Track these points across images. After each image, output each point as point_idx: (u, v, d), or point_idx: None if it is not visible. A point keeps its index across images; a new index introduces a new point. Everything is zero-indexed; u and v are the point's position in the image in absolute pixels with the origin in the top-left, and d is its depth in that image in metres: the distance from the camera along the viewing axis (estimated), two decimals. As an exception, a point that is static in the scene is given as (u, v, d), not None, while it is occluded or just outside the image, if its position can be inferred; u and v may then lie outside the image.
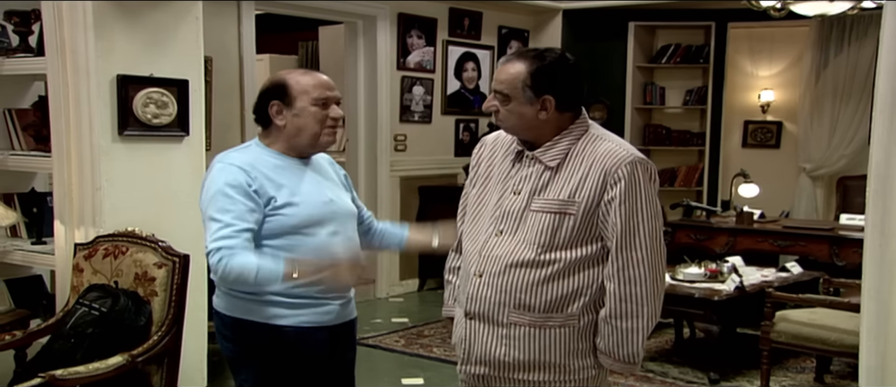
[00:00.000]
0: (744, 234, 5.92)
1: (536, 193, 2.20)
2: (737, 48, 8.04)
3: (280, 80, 2.46)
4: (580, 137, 2.21)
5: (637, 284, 2.14)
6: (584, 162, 2.17)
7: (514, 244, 2.21)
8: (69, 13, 3.38)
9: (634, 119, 8.00)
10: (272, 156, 2.44)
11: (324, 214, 2.43)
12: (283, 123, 2.43)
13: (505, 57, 2.25)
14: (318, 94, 2.42)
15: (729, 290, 4.66)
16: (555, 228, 2.17)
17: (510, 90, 2.17)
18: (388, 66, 6.73)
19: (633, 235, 2.12)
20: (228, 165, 2.37)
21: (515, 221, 2.22)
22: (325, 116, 2.44)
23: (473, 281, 2.26)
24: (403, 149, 6.88)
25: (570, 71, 2.19)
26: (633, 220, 2.12)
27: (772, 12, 5.31)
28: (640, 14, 7.74)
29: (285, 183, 2.40)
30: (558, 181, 2.19)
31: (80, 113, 3.39)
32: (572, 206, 2.16)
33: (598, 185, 2.14)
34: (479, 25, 7.37)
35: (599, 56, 7.90)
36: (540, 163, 2.22)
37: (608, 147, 2.17)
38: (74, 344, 2.77)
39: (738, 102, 8.17)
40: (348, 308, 2.57)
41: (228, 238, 2.25)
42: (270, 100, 2.43)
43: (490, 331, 2.25)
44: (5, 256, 3.74)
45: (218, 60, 5.58)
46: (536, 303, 2.20)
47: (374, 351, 5.22)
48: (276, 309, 2.38)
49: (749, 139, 8.22)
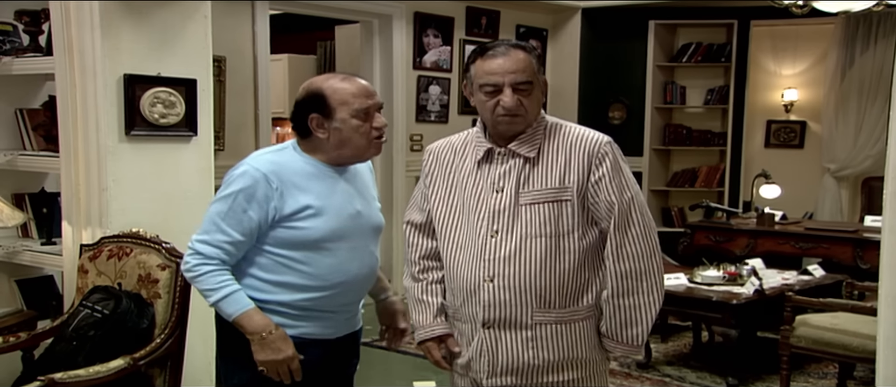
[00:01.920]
0: (765, 236, 5.81)
1: (521, 187, 2.17)
2: (759, 46, 7.91)
3: (316, 90, 2.30)
4: (547, 126, 2.21)
5: (637, 259, 2.15)
6: (560, 149, 2.17)
7: (519, 240, 2.15)
8: (76, 12, 3.35)
9: (654, 119, 7.89)
10: (307, 163, 2.34)
11: (347, 227, 2.33)
12: (325, 137, 2.31)
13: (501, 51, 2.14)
14: (360, 104, 2.29)
15: (748, 293, 4.55)
16: (556, 216, 2.14)
17: (532, 76, 2.15)
18: (404, 66, 6.69)
19: (627, 212, 2.14)
20: (253, 170, 2.27)
21: (509, 219, 2.16)
22: (370, 128, 2.32)
23: (484, 287, 2.18)
24: (419, 149, 6.82)
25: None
26: (624, 195, 2.14)
27: (794, 9, 5.20)
28: (660, 12, 7.63)
29: (314, 191, 2.30)
30: (540, 171, 2.17)
31: (87, 113, 3.37)
32: (566, 192, 2.15)
33: (584, 167, 2.15)
34: (496, 24, 7.30)
35: (619, 55, 7.81)
36: (517, 156, 2.18)
37: (578, 131, 2.20)
38: (76, 347, 2.74)
39: (761, 102, 8.04)
40: (353, 320, 2.49)
41: (214, 247, 2.25)
42: (309, 112, 2.30)
43: (514, 336, 2.19)
44: (15, 256, 3.73)
45: (232, 60, 5.56)
46: (557, 297, 2.16)
47: (387, 354, 5.16)
48: (281, 319, 2.31)
49: (772, 139, 8.08)
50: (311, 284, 2.31)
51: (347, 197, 2.36)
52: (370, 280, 2.49)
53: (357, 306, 2.50)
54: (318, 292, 2.32)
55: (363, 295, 2.52)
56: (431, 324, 2.31)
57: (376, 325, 2.65)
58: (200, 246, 2.27)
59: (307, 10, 6.38)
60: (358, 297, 2.48)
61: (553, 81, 7.76)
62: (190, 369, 3.27)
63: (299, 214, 2.27)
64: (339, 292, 2.36)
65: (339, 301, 2.39)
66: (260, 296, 2.31)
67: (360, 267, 2.38)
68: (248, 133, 5.65)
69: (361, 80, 2.36)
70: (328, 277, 2.32)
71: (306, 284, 2.31)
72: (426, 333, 2.31)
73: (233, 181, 2.28)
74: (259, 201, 2.24)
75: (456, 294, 2.27)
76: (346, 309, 2.43)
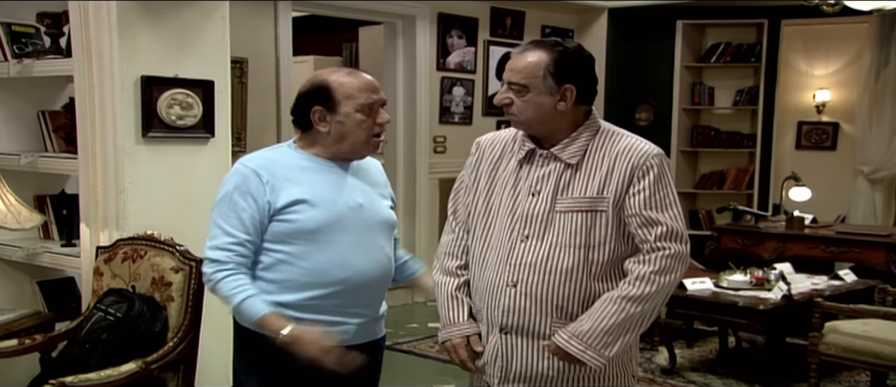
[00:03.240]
0: (794, 239, 5.68)
1: (560, 193, 2.11)
2: (791, 46, 7.76)
3: (322, 83, 2.28)
4: (596, 132, 2.14)
5: (663, 272, 2.05)
6: (606, 157, 2.10)
7: (548, 248, 2.09)
8: (95, 14, 3.35)
9: (682, 120, 7.77)
10: (303, 159, 2.31)
11: (347, 219, 2.28)
12: (326, 130, 2.28)
13: (518, 48, 2.16)
14: (365, 99, 2.26)
15: (775, 298, 4.45)
16: (588, 227, 2.08)
17: (529, 80, 2.09)
18: (428, 67, 6.65)
19: (668, 227, 2.05)
20: (242, 167, 2.27)
21: (542, 225, 2.11)
22: (372, 123, 2.28)
23: (506, 292, 2.13)
24: (443, 151, 6.78)
25: (589, 62, 2.15)
26: (664, 214, 2.06)
27: (825, 8, 5.08)
28: (688, 12, 7.51)
29: (306, 183, 2.27)
30: (581, 179, 2.10)
31: (104, 114, 3.36)
32: (602, 202, 2.08)
33: (625, 179, 2.07)
34: (521, 25, 7.24)
35: (646, 56, 7.70)
36: (558, 160, 2.12)
37: (630, 141, 2.11)
38: (89, 350, 2.73)
39: (792, 103, 7.89)
40: (372, 327, 2.41)
41: (223, 251, 2.22)
42: (312, 105, 2.28)
43: (531, 344, 2.14)
44: (35, 257, 3.74)
45: (254, 61, 5.57)
46: (579, 310, 2.10)
47: (409, 357, 5.12)
48: None
49: (803, 141, 7.93)
50: (311, 281, 2.25)
51: (347, 189, 2.32)
52: (383, 281, 2.40)
53: (373, 311, 2.40)
54: (320, 289, 2.25)
55: (378, 299, 2.42)
56: (465, 323, 2.23)
57: (398, 328, 2.61)
58: (211, 252, 2.25)
59: (330, 12, 6.36)
60: (371, 299, 2.38)
61: (579, 82, 7.66)
62: (207, 372, 3.25)
63: (292, 206, 2.24)
64: (344, 289, 2.28)
65: (348, 303, 2.30)
66: (264, 297, 2.26)
67: (366, 263, 2.30)
68: (270, 134, 5.64)
69: (367, 76, 2.33)
70: (329, 273, 2.25)
71: (307, 281, 2.24)
72: (457, 331, 2.23)
73: (225, 182, 2.29)
74: (253, 195, 2.23)
75: (479, 294, 2.22)
76: (357, 314, 2.34)
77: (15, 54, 3.85)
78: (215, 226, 2.25)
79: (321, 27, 7.88)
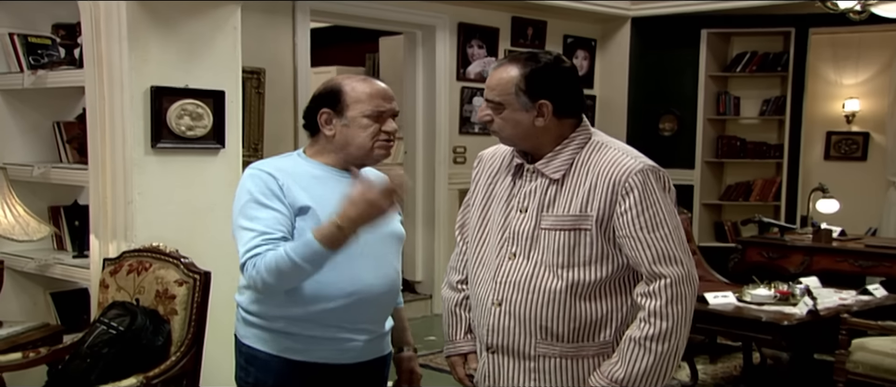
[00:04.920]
0: (821, 253, 5.52)
1: (544, 209, 2.03)
2: (819, 55, 7.60)
3: (334, 86, 2.25)
4: (583, 145, 2.05)
5: (673, 302, 1.94)
6: (589, 172, 2.00)
7: (532, 267, 2.03)
8: (105, 24, 3.34)
9: (706, 130, 7.63)
10: (312, 166, 2.26)
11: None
12: (331, 133, 2.23)
13: (497, 62, 2.09)
14: (374, 106, 2.21)
15: (801, 314, 4.30)
16: (572, 246, 1.99)
17: (503, 97, 2.01)
18: (448, 77, 6.59)
19: (661, 251, 1.94)
20: (257, 171, 2.22)
21: (528, 242, 2.04)
22: (378, 130, 2.23)
23: (492, 311, 2.07)
24: (462, 161, 6.72)
25: (566, 74, 2.05)
26: (656, 233, 1.94)
27: (851, 15, 4.94)
28: (713, 21, 7.38)
29: (315, 191, 2.20)
30: (565, 194, 2.01)
31: (114, 125, 3.35)
32: (586, 220, 1.98)
33: (608, 196, 1.97)
34: (543, 34, 7.16)
35: (670, 65, 7.58)
36: (543, 176, 2.05)
37: (613, 155, 2.00)
38: (90, 364, 2.70)
39: (820, 112, 7.73)
40: (377, 344, 2.34)
41: (259, 246, 2.09)
42: (321, 107, 2.24)
43: (516, 365, 2.07)
44: (47, 268, 3.73)
45: (271, 72, 5.55)
46: (564, 330, 2.01)
47: (425, 371, 5.03)
48: (289, 342, 2.21)
49: (832, 151, 7.76)
50: (319, 294, 2.17)
51: None
52: (391, 296, 2.34)
53: (379, 327, 2.33)
54: (328, 302, 2.18)
55: (385, 315, 2.36)
56: (461, 340, 2.24)
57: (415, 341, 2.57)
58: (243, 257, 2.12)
59: (348, 22, 6.34)
60: (378, 315, 2.31)
61: (601, 93, 7.58)
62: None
63: (300, 214, 2.17)
64: (352, 303, 2.21)
65: (355, 317, 2.23)
66: (271, 311, 2.22)
67: (375, 278, 2.24)
68: (287, 144, 5.62)
69: (382, 84, 2.28)
70: (337, 285, 2.18)
71: (314, 294, 2.17)
72: (454, 349, 2.26)
73: (243, 187, 2.21)
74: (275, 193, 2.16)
75: (473, 312, 2.18)
76: (364, 330, 2.27)
77: (30, 65, 3.86)
78: (243, 230, 2.14)
79: (344, 38, 7.87)
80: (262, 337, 2.24)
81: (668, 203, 2.00)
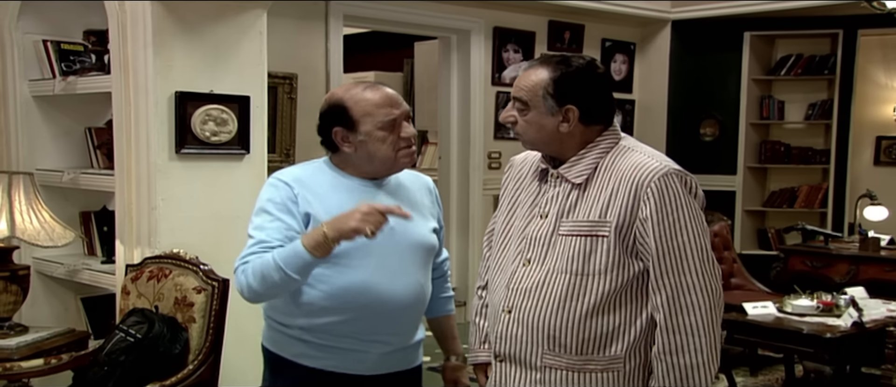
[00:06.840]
0: (868, 262, 5.33)
1: (564, 215, 1.96)
2: (868, 58, 7.36)
3: (337, 102, 2.18)
4: (609, 149, 1.98)
5: (691, 312, 1.87)
6: (612, 177, 1.93)
7: (544, 274, 1.96)
8: (131, 30, 3.35)
9: (749, 135, 7.43)
10: (336, 174, 2.21)
11: (372, 242, 2.07)
12: (351, 150, 2.18)
13: (528, 63, 2.04)
14: (384, 116, 2.14)
15: (845, 326, 4.14)
16: (587, 253, 1.92)
17: (530, 98, 1.96)
18: (483, 82, 6.52)
19: (680, 258, 1.87)
20: (276, 181, 2.19)
21: (543, 248, 1.98)
22: (397, 138, 2.17)
23: (502, 318, 2.02)
24: (498, 167, 6.63)
25: (597, 80, 1.99)
26: (677, 240, 1.86)
27: (899, 15, 4.76)
28: (756, 23, 7.19)
29: (330, 201, 2.14)
30: (587, 200, 1.94)
31: (138, 131, 3.35)
32: (604, 227, 1.91)
33: (630, 201, 1.89)
34: (580, 39, 7.04)
35: (711, 69, 7.40)
36: (565, 181, 1.98)
37: (638, 159, 1.93)
38: (107, 372, 2.68)
39: (870, 117, 7.48)
40: (401, 356, 2.25)
41: (252, 254, 2.07)
42: (332, 125, 2.19)
43: (522, 375, 2.01)
44: (75, 274, 3.75)
45: (304, 77, 5.54)
46: (572, 342, 1.94)
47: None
48: (303, 348, 2.17)
49: (882, 157, 7.51)
50: (330, 305, 2.12)
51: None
52: (415, 309, 2.25)
53: (400, 339, 2.24)
54: (339, 314, 2.13)
55: (408, 328, 2.26)
56: (479, 349, 2.22)
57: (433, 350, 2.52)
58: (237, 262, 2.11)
59: (382, 27, 6.31)
60: (397, 327, 2.22)
61: (641, 97, 7.43)
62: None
63: (309, 220, 2.13)
64: (364, 315, 2.15)
65: (368, 330, 2.16)
66: (282, 319, 2.19)
67: (391, 289, 2.15)
68: (319, 150, 5.53)
69: (387, 89, 2.21)
70: (348, 297, 2.12)
71: (325, 305, 2.12)
72: (473, 358, 2.24)
73: (261, 195, 2.21)
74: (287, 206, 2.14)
75: (490, 318, 2.15)
76: (380, 342, 2.19)
77: (62, 71, 3.89)
78: (249, 236, 2.15)
79: (382, 44, 7.85)
80: (280, 341, 2.22)
81: (693, 208, 1.91)
